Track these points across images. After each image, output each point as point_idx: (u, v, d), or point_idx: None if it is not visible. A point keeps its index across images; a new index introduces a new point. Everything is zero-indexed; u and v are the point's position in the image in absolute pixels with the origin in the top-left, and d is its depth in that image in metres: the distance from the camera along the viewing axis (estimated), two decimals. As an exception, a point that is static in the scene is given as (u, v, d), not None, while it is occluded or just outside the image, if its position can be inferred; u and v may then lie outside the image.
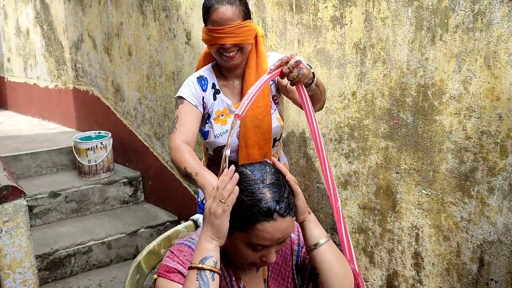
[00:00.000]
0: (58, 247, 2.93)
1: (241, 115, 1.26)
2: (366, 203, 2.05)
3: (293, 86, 1.45)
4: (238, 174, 1.11)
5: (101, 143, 3.58)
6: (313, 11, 2.10)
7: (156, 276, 1.15)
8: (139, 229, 3.23)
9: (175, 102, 1.74)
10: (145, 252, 1.38)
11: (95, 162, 3.53)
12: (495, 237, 1.63)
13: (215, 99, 1.75)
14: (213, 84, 1.76)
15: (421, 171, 1.81)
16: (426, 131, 1.77)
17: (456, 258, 1.76)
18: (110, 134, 3.74)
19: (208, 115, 1.76)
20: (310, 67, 1.47)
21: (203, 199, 1.86)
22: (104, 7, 3.78)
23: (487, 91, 1.57)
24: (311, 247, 1.19)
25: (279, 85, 1.79)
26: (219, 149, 1.77)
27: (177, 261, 1.13)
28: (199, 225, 1.52)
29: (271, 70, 1.36)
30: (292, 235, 1.30)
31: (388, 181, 1.94)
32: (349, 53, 1.99)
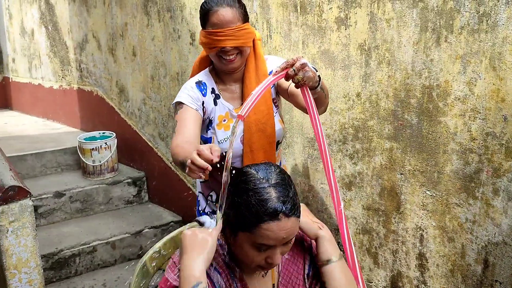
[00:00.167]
0: (62, 247, 2.94)
1: (244, 116, 1.23)
2: (370, 204, 2.05)
3: (297, 88, 1.40)
4: (241, 175, 1.11)
5: (106, 143, 3.59)
6: (318, 12, 2.10)
7: None
8: (143, 229, 3.24)
9: (174, 108, 1.70)
10: (150, 252, 1.39)
11: (100, 162, 3.55)
12: (500, 239, 1.63)
13: (215, 104, 1.71)
14: (213, 89, 1.72)
15: (426, 172, 1.81)
16: (430, 132, 1.77)
17: (460, 259, 1.76)
18: (114, 134, 3.75)
19: (209, 120, 1.72)
20: (315, 70, 1.44)
21: (205, 208, 1.83)
22: (108, 7, 3.80)
23: (492, 92, 1.57)
24: (323, 262, 1.21)
25: (279, 88, 1.76)
26: (223, 154, 1.72)
27: (178, 274, 1.12)
28: (205, 227, 1.51)
29: (276, 72, 1.32)
30: (305, 243, 1.30)
31: (392, 182, 1.94)
32: (354, 54, 1.99)
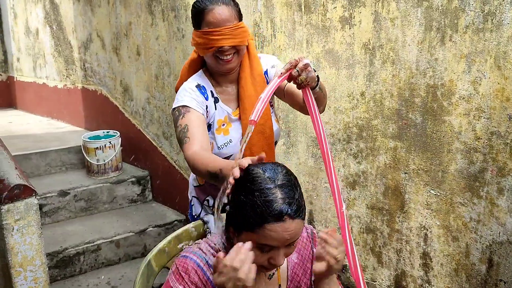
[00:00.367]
0: (67, 245, 2.95)
1: (256, 120, 1.21)
2: (374, 203, 2.05)
3: (299, 89, 1.39)
4: (248, 174, 1.09)
5: (110, 142, 3.60)
6: (322, 12, 2.10)
7: None
8: (147, 228, 3.25)
9: (177, 112, 1.61)
10: (155, 250, 1.40)
11: (104, 161, 3.56)
12: (504, 238, 1.63)
13: (215, 108, 1.66)
14: (211, 92, 1.66)
15: (430, 172, 1.81)
16: (435, 132, 1.77)
17: (465, 258, 1.76)
18: (118, 133, 3.76)
19: (208, 125, 1.66)
20: (314, 70, 1.42)
21: (200, 213, 1.79)
22: (113, 7, 3.81)
23: (497, 91, 1.57)
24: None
25: None
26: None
27: (182, 284, 1.11)
28: (209, 227, 1.52)
29: (281, 73, 1.31)
30: (313, 249, 1.29)
31: (396, 181, 1.94)
32: (358, 54, 1.99)
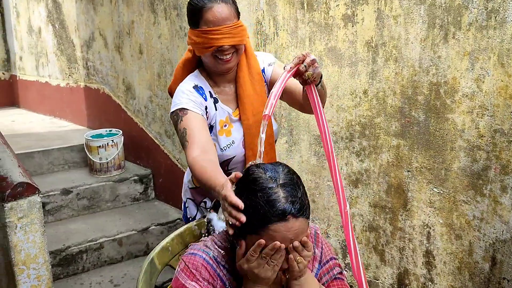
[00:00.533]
0: (70, 243, 2.96)
1: (271, 114, 1.20)
2: (377, 201, 2.05)
3: (304, 85, 1.37)
4: (249, 175, 1.08)
5: (112, 140, 3.61)
6: (325, 9, 2.09)
7: None
8: (150, 226, 3.25)
9: (175, 116, 1.56)
10: (158, 248, 1.40)
11: (106, 159, 3.56)
12: (508, 236, 1.62)
13: (216, 108, 1.62)
14: (210, 92, 1.62)
15: (433, 170, 1.81)
16: (438, 129, 1.77)
17: (468, 256, 1.75)
18: (121, 132, 3.76)
19: (210, 126, 1.62)
20: None
21: (195, 215, 1.77)
22: (115, 5, 3.81)
23: (500, 89, 1.56)
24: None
25: (272, 86, 1.73)
26: (227, 162, 1.65)
27: (194, 280, 1.11)
28: (212, 225, 1.52)
29: (290, 68, 1.29)
30: (315, 250, 1.27)
31: (399, 179, 1.94)
32: (361, 51, 1.98)
